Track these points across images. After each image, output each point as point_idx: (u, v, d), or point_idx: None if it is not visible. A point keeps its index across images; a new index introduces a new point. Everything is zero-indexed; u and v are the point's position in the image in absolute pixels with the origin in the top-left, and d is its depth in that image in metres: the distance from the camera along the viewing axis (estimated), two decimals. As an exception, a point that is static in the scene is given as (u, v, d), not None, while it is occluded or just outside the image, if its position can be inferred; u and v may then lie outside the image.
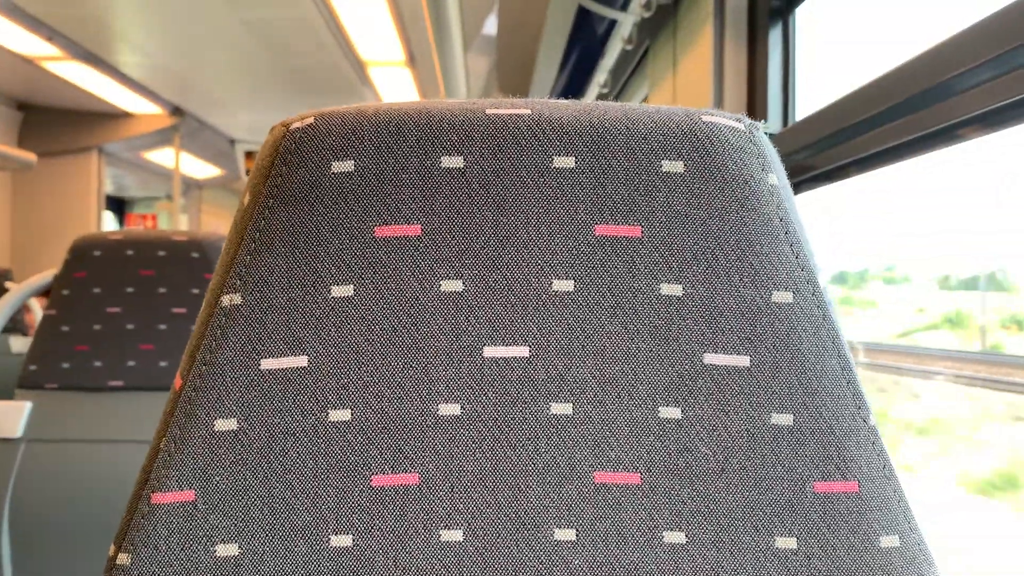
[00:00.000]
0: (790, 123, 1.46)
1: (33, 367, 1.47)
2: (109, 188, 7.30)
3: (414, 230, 0.41)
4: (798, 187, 1.37)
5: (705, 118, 0.42)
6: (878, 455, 0.41)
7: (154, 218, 7.45)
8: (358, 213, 0.40)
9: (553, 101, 0.43)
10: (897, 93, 1.05)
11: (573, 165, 0.41)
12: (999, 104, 0.89)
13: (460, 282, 0.41)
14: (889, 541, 0.41)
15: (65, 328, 1.48)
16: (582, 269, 0.41)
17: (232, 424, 0.40)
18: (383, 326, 0.41)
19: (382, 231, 0.41)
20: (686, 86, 1.75)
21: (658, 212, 0.41)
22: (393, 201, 0.41)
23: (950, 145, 1.04)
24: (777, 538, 0.41)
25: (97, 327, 1.48)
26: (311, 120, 0.41)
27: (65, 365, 1.47)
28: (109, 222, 7.62)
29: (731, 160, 0.41)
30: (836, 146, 1.23)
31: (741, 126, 0.42)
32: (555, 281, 0.41)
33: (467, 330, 0.41)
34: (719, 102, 1.52)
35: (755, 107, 1.49)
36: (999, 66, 0.85)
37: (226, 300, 0.41)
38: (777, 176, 0.42)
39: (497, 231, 0.41)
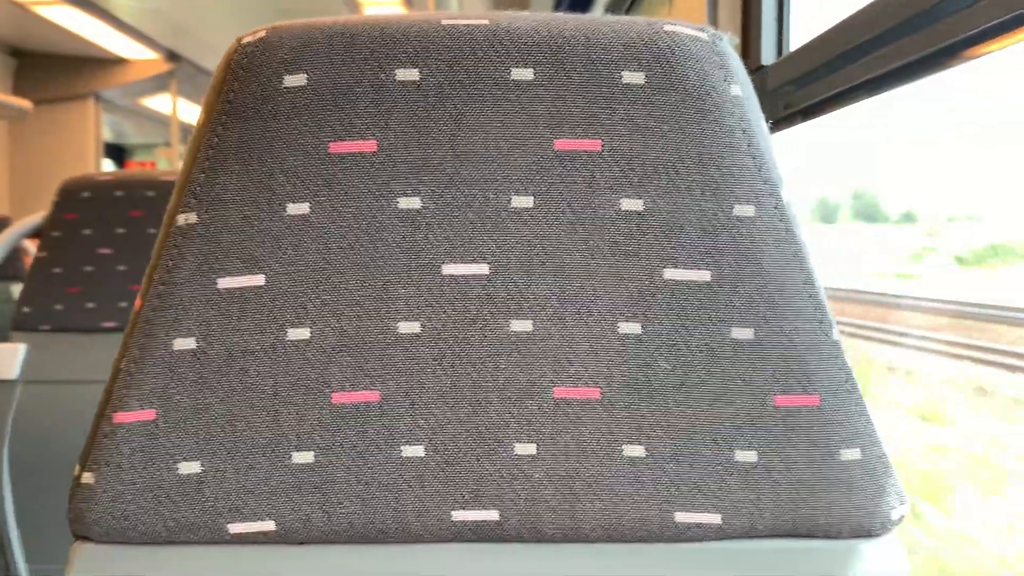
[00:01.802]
0: (785, 53, 1.43)
1: (27, 309, 1.48)
2: (108, 135, 7.25)
3: (369, 146, 0.40)
4: (793, 118, 1.35)
5: (667, 28, 0.41)
6: (840, 369, 0.41)
7: (153, 165, 7.41)
8: (312, 129, 0.40)
9: (512, 12, 0.42)
10: (895, 13, 1.02)
11: (532, 77, 0.40)
12: (995, 23, 0.87)
13: (418, 199, 0.40)
14: (850, 454, 0.41)
15: (57, 270, 1.48)
16: (541, 184, 0.40)
17: (191, 343, 0.40)
18: (340, 244, 0.40)
19: (337, 147, 0.40)
20: (680, 17, 1.72)
21: (618, 125, 0.40)
22: (347, 116, 0.40)
23: (957, 65, 1.02)
24: (737, 451, 0.41)
25: (89, 269, 1.48)
26: (263, 34, 0.41)
27: (58, 307, 1.48)
28: (109, 170, 7.59)
29: (693, 71, 0.40)
30: (830, 75, 1.21)
31: (704, 36, 0.41)
32: (514, 197, 0.40)
33: (425, 248, 0.40)
34: (713, 34, 1.49)
35: (749, 39, 1.47)
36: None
37: (181, 219, 0.40)
38: (741, 87, 0.41)
39: (455, 146, 0.40)
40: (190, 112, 6.90)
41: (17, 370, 1.44)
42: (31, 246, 2.93)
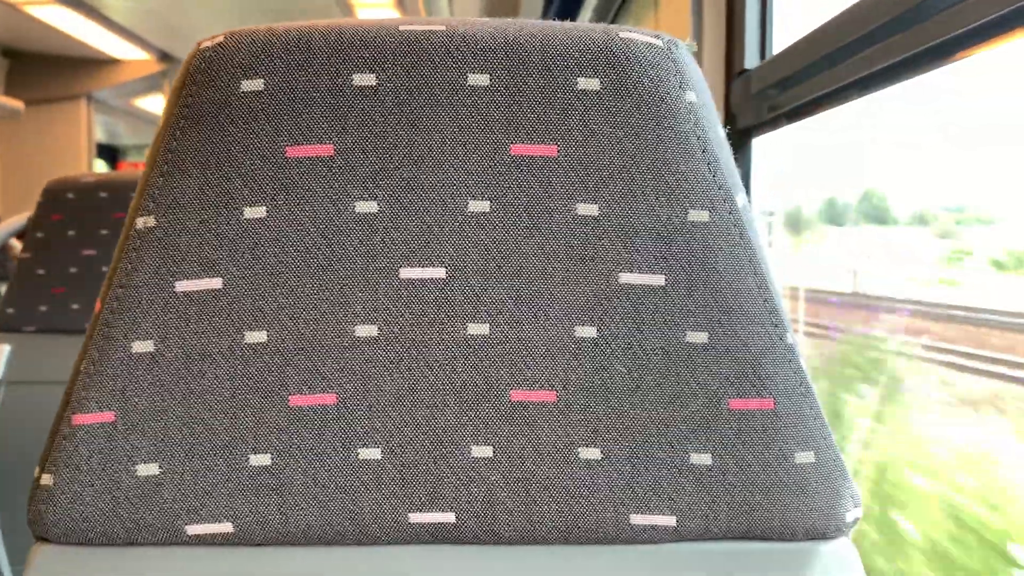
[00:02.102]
0: (767, 57, 1.44)
1: (11, 310, 1.48)
2: (101, 136, 7.24)
3: (326, 150, 0.40)
4: (777, 122, 1.36)
5: (622, 35, 0.41)
6: (795, 372, 0.42)
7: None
8: (269, 133, 0.40)
9: (470, 18, 0.42)
10: (877, 16, 1.03)
11: (488, 83, 0.40)
12: (978, 24, 0.88)
13: (375, 203, 0.41)
14: (804, 457, 0.42)
15: (41, 271, 1.48)
16: (498, 189, 0.41)
17: (149, 346, 0.40)
18: (297, 248, 0.40)
19: (294, 151, 0.40)
20: (667, 24, 1.72)
21: (574, 131, 0.40)
22: (305, 120, 0.40)
23: (938, 66, 1.03)
24: (692, 454, 0.41)
25: (73, 270, 1.48)
26: (221, 39, 0.41)
27: (43, 308, 1.48)
28: (101, 170, 7.58)
29: (647, 77, 0.40)
30: (813, 77, 1.21)
31: (659, 42, 0.41)
32: (471, 202, 0.41)
33: (383, 251, 0.41)
34: (698, 36, 1.50)
35: (733, 43, 1.47)
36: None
37: (140, 222, 0.41)
38: (697, 94, 0.41)
39: (411, 151, 0.40)
40: (183, 113, 6.87)
41: (1, 371, 1.44)
42: (17, 245, 2.93)
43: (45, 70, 5.32)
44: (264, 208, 0.40)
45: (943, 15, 0.92)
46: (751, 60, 1.41)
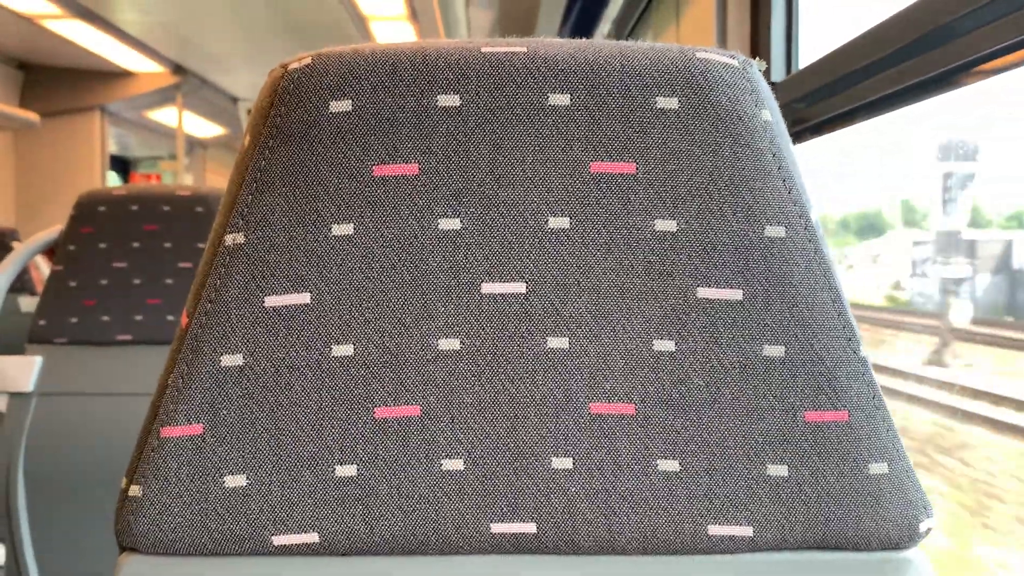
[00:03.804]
0: (793, 71, 1.45)
1: (42, 322, 1.49)
2: (113, 148, 7.29)
3: (412, 169, 0.41)
4: (802, 135, 1.37)
5: (699, 55, 0.42)
6: (868, 385, 0.42)
7: (158, 178, 7.45)
8: (356, 152, 0.41)
9: (549, 39, 0.44)
10: (901, 37, 1.04)
11: (568, 103, 0.41)
12: (1005, 45, 0.89)
13: (458, 220, 0.42)
14: (878, 468, 0.42)
15: (72, 283, 1.49)
16: (577, 206, 0.42)
17: (238, 359, 0.41)
18: (383, 264, 0.41)
19: (380, 170, 0.41)
20: (689, 35, 1.74)
21: (652, 149, 0.41)
22: (391, 140, 0.41)
23: (956, 88, 1.04)
24: (769, 466, 0.42)
25: (104, 282, 1.49)
26: (309, 60, 0.42)
27: (73, 320, 1.49)
28: (113, 182, 7.62)
29: (725, 96, 0.41)
30: (840, 93, 1.22)
31: (735, 63, 0.42)
32: (551, 218, 0.42)
33: (465, 267, 0.42)
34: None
35: (759, 56, 1.48)
36: (1002, 7, 0.84)
37: (229, 239, 0.42)
38: (770, 112, 0.42)
39: (494, 169, 0.41)
40: (195, 125, 6.93)
41: (32, 382, 1.45)
42: (39, 259, 2.95)
43: (60, 82, 5.36)
44: (351, 225, 0.41)
45: (972, 35, 0.93)
46: (777, 74, 1.42)
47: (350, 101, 0.41)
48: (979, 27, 0.90)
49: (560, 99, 0.41)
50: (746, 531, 0.42)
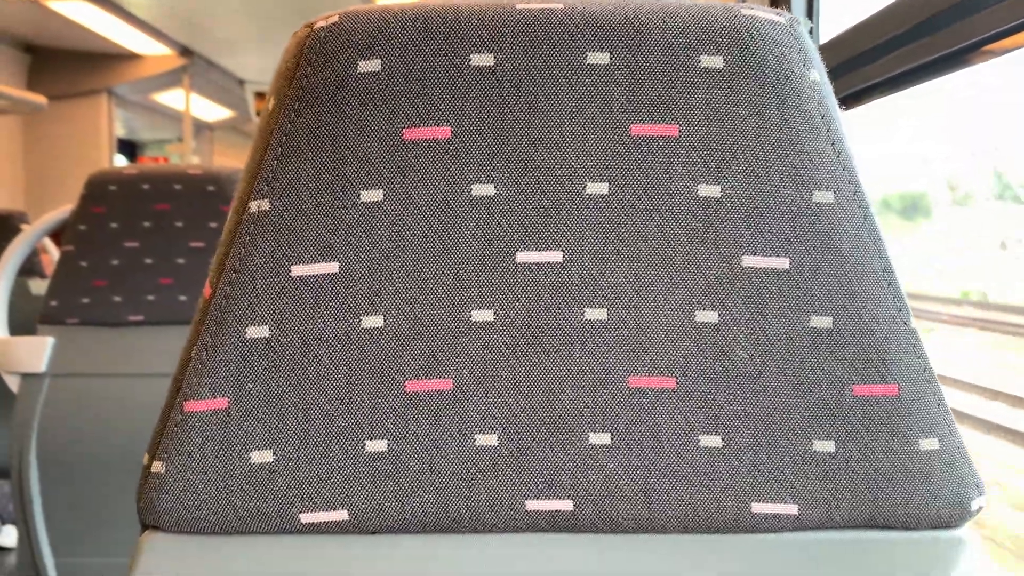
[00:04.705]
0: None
1: (54, 303, 1.48)
2: (120, 131, 7.27)
3: (444, 132, 0.40)
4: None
5: (745, 12, 0.40)
6: (918, 358, 0.41)
7: (165, 160, 7.43)
8: (386, 115, 0.39)
9: None
10: (924, 9, 1.01)
11: (608, 61, 0.39)
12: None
13: (492, 186, 0.40)
14: (928, 444, 0.41)
15: (83, 263, 1.48)
16: (617, 171, 0.40)
17: (264, 331, 0.40)
18: (414, 231, 0.40)
19: (411, 134, 0.39)
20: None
21: (696, 110, 0.40)
22: (422, 102, 0.39)
23: (982, 61, 1.02)
24: (815, 441, 0.40)
25: (115, 262, 1.48)
26: (336, 19, 0.40)
27: (85, 300, 1.48)
28: (121, 165, 7.60)
29: (771, 55, 0.39)
30: (862, 67, 1.20)
31: (782, 20, 0.40)
32: (589, 184, 0.40)
33: (499, 235, 0.40)
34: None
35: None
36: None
37: (254, 206, 0.40)
38: (819, 72, 0.40)
39: (529, 132, 0.40)
40: (202, 108, 6.90)
41: (45, 363, 1.44)
42: (47, 242, 2.94)
43: (67, 65, 5.34)
44: (381, 191, 0.40)
45: (988, 11, 0.90)
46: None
47: (379, 61, 0.39)
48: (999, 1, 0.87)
49: (599, 58, 0.39)
50: (791, 509, 0.40)
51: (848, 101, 1.32)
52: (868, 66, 1.17)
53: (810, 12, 1.38)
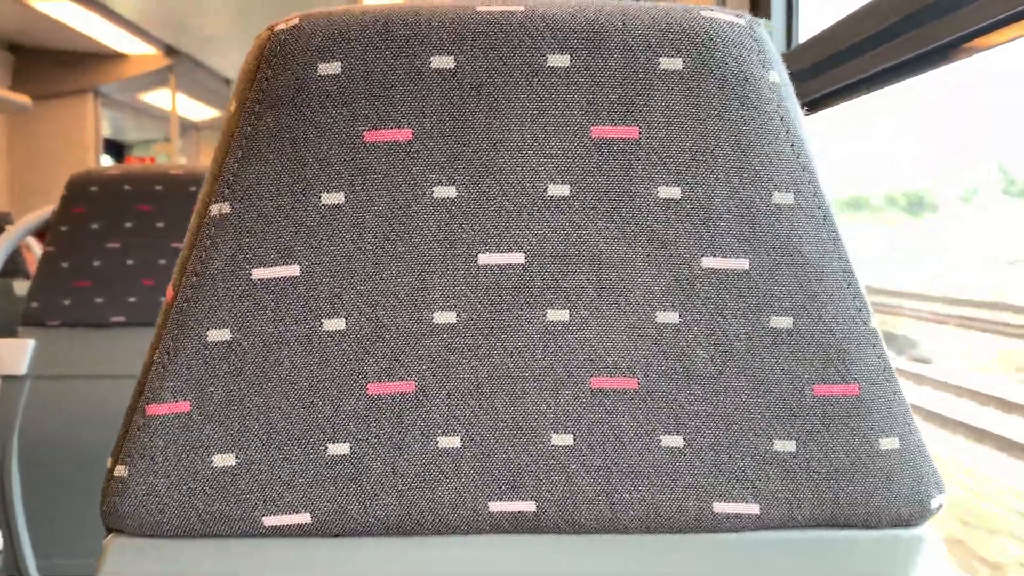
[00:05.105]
0: (794, 45, 1.43)
1: (35, 304, 1.47)
2: (107, 131, 7.24)
3: (404, 134, 0.40)
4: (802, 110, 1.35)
5: (705, 14, 0.40)
6: (878, 357, 0.41)
7: (152, 160, 7.41)
8: (346, 117, 0.39)
9: None
10: (903, 8, 1.02)
11: (568, 64, 0.40)
12: (1007, 14, 0.87)
13: (453, 188, 0.40)
14: (889, 443, 0.41)
15: (65, 264, 1.47)
16: (578, 173, 0.40)
17: (225, 334, 0.40)
18: (375, 234, 0.40)
19: (372, 136, 0.40)
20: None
21: (656, 112, 0.40)
22: (383, 104, 0.39)
23: (958, 59, 1.02)
24: (776, 441, 0.41)
25: (97, 263, 1.47)
26: (296, 21, 0.40)
27: (66, 302, 1.47)
28: (107, 165, 7.56)
29: (731, 57, 0.40)
30: (841, 66, 1.20)
31: (741, 21, 0.40)
32: (550, 185, 0.40)
33: (461, 237, 0.40)
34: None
35: (758, 30, 1.46)
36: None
37: (215, 209, 0.40)
38: (778, 73, 0.41)
39: (490, 134, 0.40)
40: (188, 107, 6.88)
41: (25, 366, 1.44)
42: (32, 241, 2.93)
43: (52, 65, 5.31)
44: (342, 194, 0.40)
45: (973, 7, 0.91)
46: (776, 47, 1.40)
47: (339, 63, 0.39)
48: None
49: (559, 60, 0.40)
50: (752, 508, 0.41)
51: (826, 100, 1.32)
52: (846, 64, 1.18)
53: (789, 11, 1.39)
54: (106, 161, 6.99)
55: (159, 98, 6.36)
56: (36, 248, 2.89)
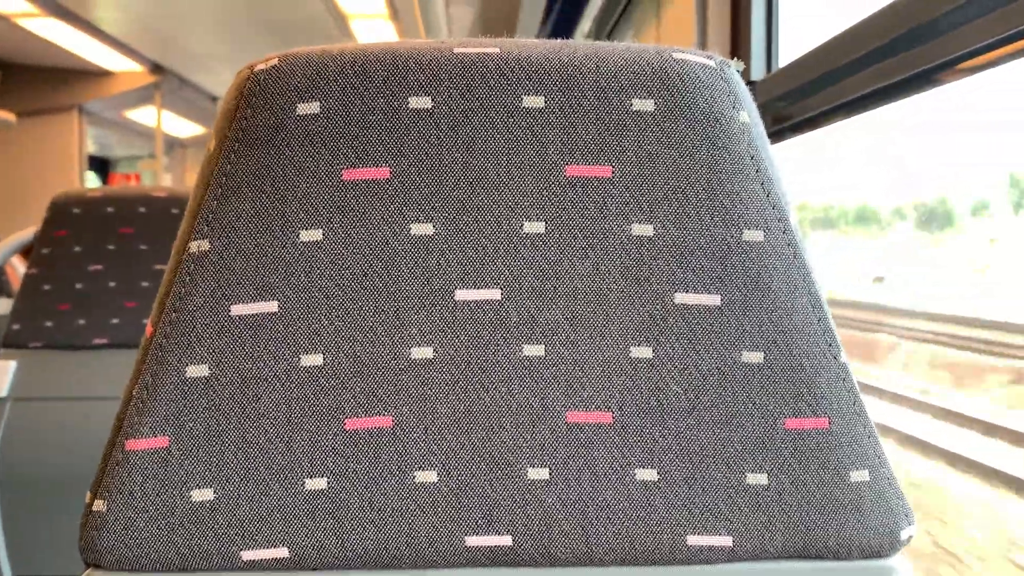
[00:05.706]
0: (774, 69, 1.45)
1: (16, 326, 1.47)
2: (92, 148, 7.22)
3: (383, 173, 0.40)
4: (782, 134, 1.37)
5: (676, 55, 0.41)
6: (848, 391, 0.42)
7: (137, 177, 7.38)
8: (325, 156, 0.40)
9: (523, 40, 0.43)
10: (881, 34, 1.04)
11: (543, 105, 0.40)
12: (987, 42, 0.88)
13: (430, 225, 0.41)
14: (859, 476, 0.42)
15: (47, 287, 1.47)
16: (553, 211, 0.41)
17: (204, 370, 0.40)
18: (353, 270, 0.40)
19: (350, 174, 0.40)
20: (669, 35, 1.73)
21: (628, 152, 0.41)
22: (361, 143, 0.40)
23: (936, 86, 1.04)
24: (748, 474, 0.41)
25: (79, 285, 1.47)
26: (275, 61, 0.41)
27: (48, 324, 1.47)
28: (92, 182, 7.54)
29: (701, 98, 0.41)
30: (821, 91, 1.22)
31: (712, 63, 0.41)
32: (526, 223, 0.41)
33: (438, 273, 0.41)
34: (702, 48, 1.50)
35: (738, 54, 1.48)
36: (984, 3, 0.84)
37: (194, 246, 0.40)
38: (748, 114, 0.42)
39: (467, 173, 0.40)
40: (174, 124, 6.87)
41: (6, 388, 1.43)
42: (16, 261, 2.91)
43: (36, 82, 5.30)
44: (320, 231, 0.40)
45: (953, 33, 0.93)
46: (757, 72, 1.42)
47: (318, 103, 0.40)
48: (961, 24, 0.89)
49: (534, 101, 0.40)
50: (725, 541, 0.41)
51: (805, 125, 1.34)
52: (823, 91, 1.19)
53: (769, 37, 1.41)
54: (91, 178, 6.97)
55: (145, 115, 6.35)
56: (19, 267, 2.87)
